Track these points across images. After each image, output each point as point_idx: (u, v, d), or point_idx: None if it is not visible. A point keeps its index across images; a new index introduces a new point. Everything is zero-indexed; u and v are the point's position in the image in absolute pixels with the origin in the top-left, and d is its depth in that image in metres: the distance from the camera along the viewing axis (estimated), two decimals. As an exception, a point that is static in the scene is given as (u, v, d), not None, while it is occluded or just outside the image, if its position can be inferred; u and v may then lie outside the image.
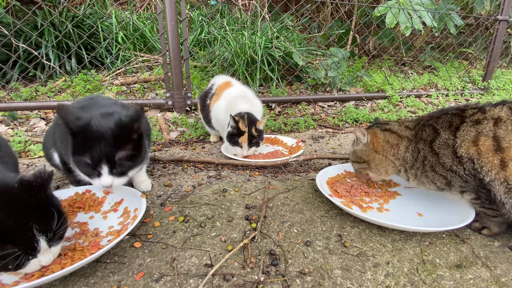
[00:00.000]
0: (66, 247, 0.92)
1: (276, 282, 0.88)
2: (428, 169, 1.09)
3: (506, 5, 3.15)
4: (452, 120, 1.06)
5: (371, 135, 1.22)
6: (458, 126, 1.03)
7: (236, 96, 1.79)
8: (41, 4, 2.48)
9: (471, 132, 0.99)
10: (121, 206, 1.16)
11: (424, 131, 1.11)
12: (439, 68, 3.97)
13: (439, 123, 1.08)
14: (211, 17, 4.00)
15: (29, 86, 2.77)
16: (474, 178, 0.99)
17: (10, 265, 0.69)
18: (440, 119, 1.09)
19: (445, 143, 1.04)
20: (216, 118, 1.82)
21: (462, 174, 1.01)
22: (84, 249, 0.92)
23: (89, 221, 1.10)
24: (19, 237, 0.69)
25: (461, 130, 1.01)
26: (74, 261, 0.86)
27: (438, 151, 1.05)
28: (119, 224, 1.07)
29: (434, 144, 1.06)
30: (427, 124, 1.12)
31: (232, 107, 1.73)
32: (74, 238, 1.00)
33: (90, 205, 1.17)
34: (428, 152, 1.08)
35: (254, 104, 1.82)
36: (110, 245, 0.90)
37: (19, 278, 0.82)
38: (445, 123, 1.07)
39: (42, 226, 0.72)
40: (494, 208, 1.02)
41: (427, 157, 1.08)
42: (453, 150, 1.01)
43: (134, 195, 1.18)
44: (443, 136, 1.05)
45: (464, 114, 1.05)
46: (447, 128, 1.05)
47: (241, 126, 1.64)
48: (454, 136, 1.02)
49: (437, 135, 1.06)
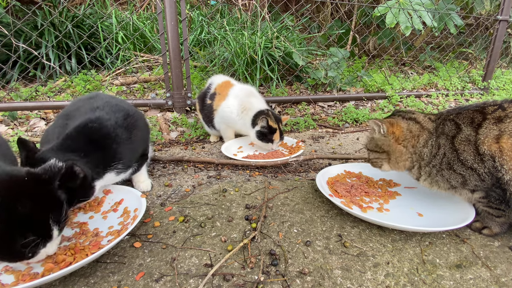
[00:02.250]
0: (67, 247, 0.93)
1: (276, 282, 0.88)
2: (445, 167, 1.06)
3: (506, 5, 3.14)
4: (474, 116, 1.04)
5: (387, 125, 1.16)
6: (481, 122, 1.01)
7: (247, 95, 1.85)
8: (41, 4, 2.48)
9: (493, 130, 0.98)
10: (121, 206, 1.16)
11: (446, 125, 1.09)
12: (439, 68, 3.97)
13: (460, 118, 1.07)
14: (211, 17, 4.00)
15: (29, 86, 2.77)
16: (491, 176, 0.98)
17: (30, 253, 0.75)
18: (462, 114, 1.07)
19: (466, 139, 1.02)
20: (227, 117, 1.84)
21: (482, 172, 0.99)
22: (85, 248, 0.93)
23: (89, 221, 1.10)
24: (38, 226, 0.76)
25: (484, 127, 1.00)
26: (75, 261, 0.86)
27: (459, 147, 1.03)
28: (119, 224, 1.08)
29: (455, 140, 1.04)
30: (448, 119, 1.10)
31: (247, 106, 1.79)
32: (74, 238, 1.00)
33: (90, 205, 1.17)
34: (449, 149, 1.05)
35: (263, 100, 1.87)
36: (110, 245, 0.90)
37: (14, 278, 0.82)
38: (467, 119, 1.05)
39: (55, 216, 0.78)
40: (501, 208, 1.02)
41: (446, 154, 1.05)
42: (475, 147, 0.99)
43: (134, 195, 1.18)
44: (465, 132, 1.03)
45: (485, 110, 1.04)
46: (469, 124, 1.03)
47: (272, 124, 1.70)
48: (476, 132, 1.01)
49: (459, 130, 1.04)
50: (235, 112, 1.81)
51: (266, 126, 1.70)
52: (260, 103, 1.82)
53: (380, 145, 1.19)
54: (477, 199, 1.07)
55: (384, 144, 1.17)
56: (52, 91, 2.62)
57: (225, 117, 1.85)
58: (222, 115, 1.85)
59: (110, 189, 1.24)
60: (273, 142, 1.76)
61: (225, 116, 1.84)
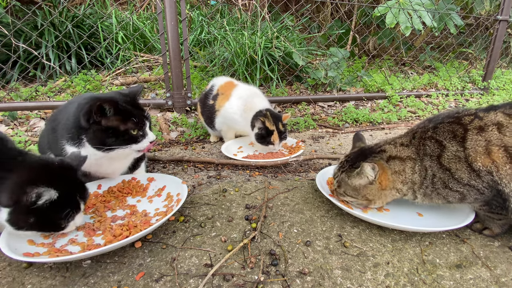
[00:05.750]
0: (122, 224, 1.05)
1: (276, 282, 0.88)
2: (440, 186, 1.01)
3: (506, 5, 3.14)
4: (454, 129, 0.99)
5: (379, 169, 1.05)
6: (464, 135, 0.97)
7: (250, 95, 1.81)
8: (41, 4, 2.48)
9: (480, 141, 0.94)
10: (164, 191, 1.28)
11: (426, 146, 1.03)
12: (439, 68, 3.97)
13: (439, 134, 1.01)
14: (211, 17, 4.00)
15: (29, 86, 2.77)
16: (491, 189, 0.95)
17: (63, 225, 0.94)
18: (438, 129, 1.02)
19: (455, 156, 0.97)
20: (230, 118, 1.81)
21: (480, 187, 0.96)
22: (138, 225, 1.04)
23: (137, 204, 1.23)
24: (71, 201, 0.95)
25: (469, 140, 0.96)
26: (131, 234, 0.97)
27: (449, 166, 0.98)
28: (164, 206, 1.19)
29: (442, 159, 0.99)
30: (426, 137, 1.04)
31: (250, 106, 1.75)
32: (126, 217, 1.13)
33: (137, 191, 1.30)
34: (438, 169, 1.00)
35: (266, 100, 1.84)
36: (161, 221, 1.01)
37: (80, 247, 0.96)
38: (447, 133, 1.00)
39: (81, 194, 0.98)
40: (502, 213, 1.01)
41: (436, 174, 1.00)
42: (468, 164, 0.95)
43: (175, 182, 1.28)
44: (451, 148, 0.98)
45: (462, 121, 1.00)
46: (452, 139, 0.98)
47: (269, 125, 1.66)
48: (463, 147, 0.96)
49: (443, 148, 0.99)
50: (238, 112, 1.78)
51: (263, 127, 1.66)
52: (262, 103, 1.78)
53: (364, 194, 1.09)
54: (478, 207, 1.06)
55: (368, 193, 1.08)
56: (52, 91, 2.62)
57: (228, 117, 1.82)
58: (225, 115, 1.83)
59: (153, 177, 1.36)
60: (273, 144, 1.71)
61: (228, 116, 1.82)
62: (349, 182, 1.10)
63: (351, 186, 1.10)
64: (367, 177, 1.06)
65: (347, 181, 1.11)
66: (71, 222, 0.96)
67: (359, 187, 1.09)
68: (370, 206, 1.14)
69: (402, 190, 1.08)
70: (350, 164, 1.12)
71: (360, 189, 1.09)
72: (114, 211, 1.17)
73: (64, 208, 0.93)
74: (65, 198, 0.92)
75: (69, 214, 0.94)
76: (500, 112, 0.98)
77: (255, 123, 1.68)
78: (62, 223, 0.94)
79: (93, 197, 1.22)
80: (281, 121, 1.72)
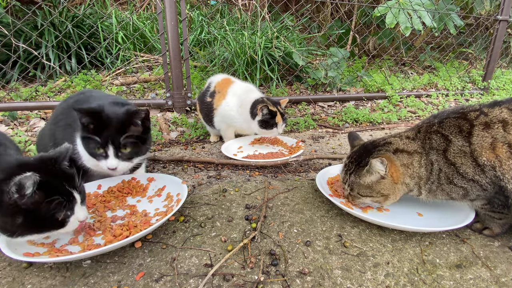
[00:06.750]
0: (122, 224, 1.05)
1: (276, 282, 0.88)
2: (444, 182, 1.01)
3: (506, 5, 3.14)
4: (460, 124, 0.99)
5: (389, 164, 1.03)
6: (470, 131, 0.97)
7: (245, 91, 1.85)
8: (41, 4, 2.48)
9: (486, 137, 0.95)
10: (164, 191, 1.28)
11: (432, 140, 1.03)
12: (439, 68, 3.97)
13: (445, 128, 1.01)
14: (211, 17, 4.00)
15: (29, 86, 2.77)
16: (494, 185, 0.95)
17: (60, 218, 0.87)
18: (444, 124, 1.02)
19: (461, 151, 0.97)
20: (228, 115, 1.84)
21: (484, 182, 0.96)
22: (138, 225, 1.04)
23: (137, 204, 1.23)
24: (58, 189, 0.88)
25: (475, 136, 0.96)
26: (131, 234, 0.97)
27: (455, 160, 0.98)
28: (164, 206, 1.19)
29: (448, 153, 0.99)
30: (432, 131, 1.04)
31: (245, 100, 1.78)
32: (126, 217, 1.13)
33: (137, 191, 1.30)
34: (444, 164, 1.00)
35: (261, 94, 1.87)
36: (161, 221, 1.01)
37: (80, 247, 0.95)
38: (453, 128, 1.00)
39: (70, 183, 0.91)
40: (503, 212, 1.01)
41: (442, 169, 1.00)
42: (473, 158, 0.95)
43: (175, 182, 1.28)
44: (457, 143, 0.98)
45: (468, 117, 1.00)
46: (458, 134, 0.99)
47: (271, 108, 1.69)
48: (469, 142, 0.96)
49: (449, 142, 0.99)
50: (235, 109, 1.81)
51: (267, 111, 1.69)
52: (257, 94, 1.82)
53: (379, 190, 1.07)
54: (479, 206, 1.05)
55: (383, 188, 1.07)
56: (52, 91, 2.62)
57: (226, 115, 1.84)
58: (223, 113, 1.85)
59: (153, 177, 1.35)
60: (277, 126, 1.74)
61: (226, 114, 1.84)
62: (361, 181, 1.08)
63: (364, 185, 1.08)
64: (378, 172, 1.04)
65: (358, 181, 1.09)
66: (72, 216, 0.89)
67: (372, 184, 1.07)
68: (386, 202, 1.11)
69: (409, 185, 1.07)
70: (356, 164, 1.11)
71: (373, 186, 1.07)
72: (114, 211, 1.17)
73: (51, 196, 0.84)
74: (50, 186, 0.84)
75: (62, 205, 0.86)
76: (504, 108, 0.99)
77: (257, 111, 1.70)
78: (58, 216, 0.86)
79: (93, 197, 1.22)
80: (280, 104, 1.78)
